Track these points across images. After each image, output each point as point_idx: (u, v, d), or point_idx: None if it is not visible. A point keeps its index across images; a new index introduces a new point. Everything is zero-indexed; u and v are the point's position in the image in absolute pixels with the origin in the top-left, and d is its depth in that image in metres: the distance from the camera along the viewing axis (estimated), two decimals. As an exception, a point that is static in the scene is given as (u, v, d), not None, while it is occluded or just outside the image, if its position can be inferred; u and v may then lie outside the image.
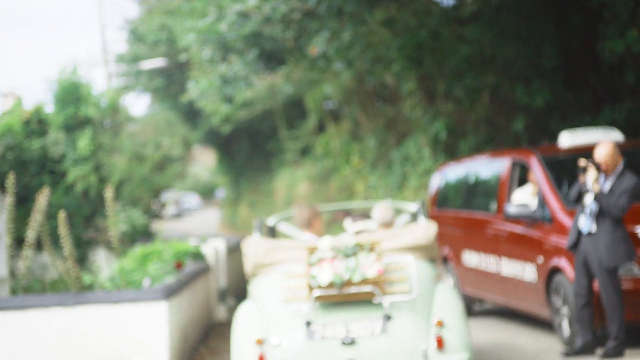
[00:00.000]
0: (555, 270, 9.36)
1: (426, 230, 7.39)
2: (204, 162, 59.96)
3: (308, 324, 6.69)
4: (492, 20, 15.26)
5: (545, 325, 10.36)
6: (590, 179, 8.57)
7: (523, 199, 10.39)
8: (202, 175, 68.54)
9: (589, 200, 8.62)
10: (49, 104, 17.45)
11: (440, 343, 6.59)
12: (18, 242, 9.86)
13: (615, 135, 10.43)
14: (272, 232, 8.71)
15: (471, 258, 11.50)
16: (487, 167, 11.51)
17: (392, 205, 8.60)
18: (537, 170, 10.09)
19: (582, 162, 8.68)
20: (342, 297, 6.70)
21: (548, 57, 14.44)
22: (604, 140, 9.46)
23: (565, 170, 9.98)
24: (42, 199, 8.84)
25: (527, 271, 9.96)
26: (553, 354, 8.98)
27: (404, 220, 8.86)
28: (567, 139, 10.46)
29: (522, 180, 10.83)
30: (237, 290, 15.45)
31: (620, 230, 8.54)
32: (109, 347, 8.32)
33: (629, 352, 8.58)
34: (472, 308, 12.04)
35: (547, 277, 9.49)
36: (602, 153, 8.68)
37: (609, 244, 8.48)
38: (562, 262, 9.20)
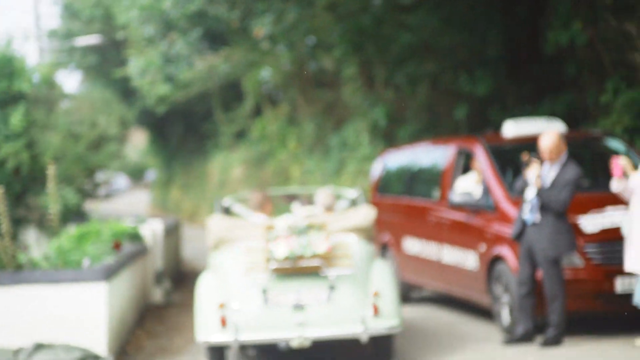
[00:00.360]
0: (497, 259, 9.40)
1: (367, 214, 8.48)
2: (134, 142, 59.08)
3: (264, 291, 7.71)
4: (437, 7, 15.28)
5: (484, 314, 10.42)
6: (533, 174, 8.61)
7: (466, 187, 10.40)
8: (132, 155, 67.58)
9: (531, 194, 8.66)
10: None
11: (376, 310, 7.73)
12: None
13: (559, 126, 10.52)
14: (227, 212, 9.54)
15: (412, 245, 11.50)
16: (431, 154, 11.50)
17: (333, 192, 9.61)
18: (481, 158, 10.12)
19: (525, 156, 8.72)
20: (294, 270, 7.77)
21: (493, 46, 14.51)
22: (549, 130, 9.51)
23: (509, 160, 10.03)
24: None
25: (468, 259, 9.99)
26: (493, 342, 9.03)
27: (343, 205, 9.74)
28: (511, 128, 10.51)
29: (465, 169, 10.86)
30: (173, 273, 15.24)
31: (563, 221, 8.63)
32: (45, 328, 8.08)
33: (568, 341, 8.67)
34: (410, 295, 12.06)
35: (489, 265, 9.54)
36: (547, 142, 8.73)
37: (552, 235, 8.55)
38: (504, 251, 9.24)
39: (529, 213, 8.67)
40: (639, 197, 8.19)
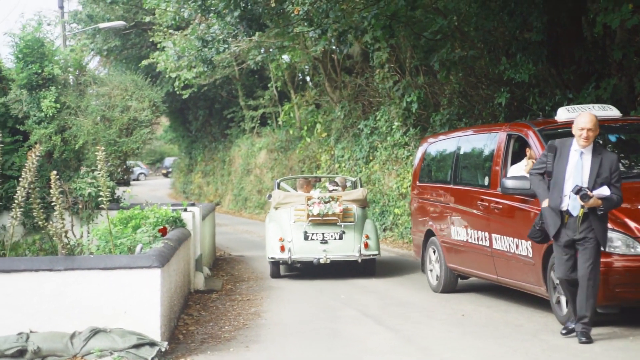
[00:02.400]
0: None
1: (362, 192, 14.22)
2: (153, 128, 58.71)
3: (305, 232, 13.54)
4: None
5: (533, 301, 10.21)
6: (591, 204, 8.31)
7: (518, 174, 10.17)
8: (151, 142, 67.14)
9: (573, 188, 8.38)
10: (10, 61, 16.64)
11: (366, 245, 13.57)
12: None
13: (613, 112, 10.28)
14: (277, 186, 15.34)
15: (459, 232, 11.29)
16: (480, 140, 11.27)
17: (346, 178, 15.91)
18: (534, 144, 9.89)
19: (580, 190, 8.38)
20: (322, 221, 13.55)
21: (535, 30, 14.20)
22: (584, 112, 9.15)
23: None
24: (32, 156, 8.35)
25: (522, 247, 9.77)
26: (551, 332, 8.82)
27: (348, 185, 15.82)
28: (564, 114, 10.26)
29: (513, 156, 10.63)
30: (209, 259, 15.07)
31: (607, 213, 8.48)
32: (99, 313, 7.94)
33: (631, 332, 8.48)
34: (456, 283, 11.86)
35: (545, 253, 9.31)
36: (593, 121, 8.47)
37: (602, 225, 8.34)
38: (562, 239, 8.98)
39: (574, 205, 8.38)
40: None
